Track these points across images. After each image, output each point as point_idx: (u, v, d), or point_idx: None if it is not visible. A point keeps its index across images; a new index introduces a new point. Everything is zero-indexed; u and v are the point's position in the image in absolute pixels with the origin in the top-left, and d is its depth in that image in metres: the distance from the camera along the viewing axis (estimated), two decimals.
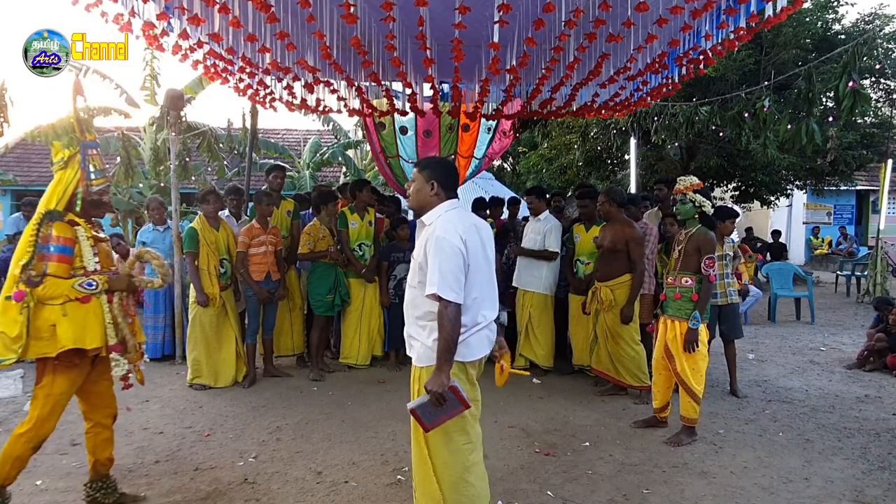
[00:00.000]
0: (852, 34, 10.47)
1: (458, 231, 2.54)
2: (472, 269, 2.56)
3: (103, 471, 3.12)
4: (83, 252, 2.88)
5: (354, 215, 5.84)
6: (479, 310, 2.60)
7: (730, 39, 4.22)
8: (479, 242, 2.64)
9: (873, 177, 15.13)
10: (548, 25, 3.94)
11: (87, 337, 2.83)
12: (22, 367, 5.68)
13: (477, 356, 2.62)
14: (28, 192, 13.27)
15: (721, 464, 3.75)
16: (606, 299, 4.86)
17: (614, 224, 4.91)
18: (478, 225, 2.71)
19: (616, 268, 4.86)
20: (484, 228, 2.74)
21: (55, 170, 2.99)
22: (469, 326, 2.56)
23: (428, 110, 5.86)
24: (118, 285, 2.95)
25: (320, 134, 17.73)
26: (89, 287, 2.82)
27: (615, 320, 4.86)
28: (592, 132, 11.62)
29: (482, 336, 2.62)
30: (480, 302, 2.60)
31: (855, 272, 11.95)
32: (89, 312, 2.85)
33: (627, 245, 4.80)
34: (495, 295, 2.72)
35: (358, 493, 3.30)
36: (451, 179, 2.74)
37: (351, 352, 5.88)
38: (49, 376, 2.84)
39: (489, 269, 2.69)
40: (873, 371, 6.04)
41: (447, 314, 2.44)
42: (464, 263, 2.52)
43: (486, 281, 2.64)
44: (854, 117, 9.85)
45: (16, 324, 2.73)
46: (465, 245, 2.53)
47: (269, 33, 4.23)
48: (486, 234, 2.72)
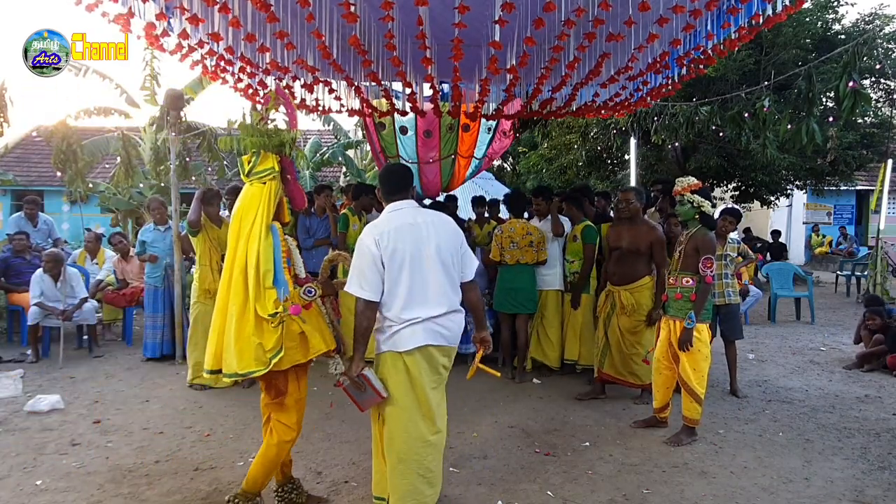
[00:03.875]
0: (852, 34, 10.47)
1: (374, 233, 2.77)
2: (394, 267, 2.73)
3: (289, 472, 3.20)
4: (295, 260, 3.01)
5: (355, 217, 6.02)
6: (408, 307, 2.74)
7: (731, 39, 4.22)
8: (410, 242, 2.76)
9: (873, 177, 15.13)
10: (548, 25, 3.94)
11: (326, 339, 2.95)
12: (22, 367, 5.71)
13: (409, 346, 2.76)
14: (28, 191, 13.27)
15: (721, 464, 3.75)
16: (628, 304, 4.74)
17: (634, 225, 4.78)
18: (417, 224, 2.82)
19: (637, 270, 4.75)
20: (428, 226, 2.83)
21: (270, 178, 2.89)
22: (396, 322, 2.75)
23: (428, 110, 5.87)
24: (329, 290, 3.10)
25: (320, 134, 17.73)
26: (310, 294, 2.90)
27: (635, 324, 4.76)
28: (592, 132, 11.62)
29: (416, 329, 2.75)
30: (409, 299, 2.74)
31: (855, 272, 11.95)
32: (318, 317, 2.97)
33: (651, 248, 4.70)
34: (442, 291, 2.81)
35: (358, 493, 3.30)
36: (390, 183, 2.96)
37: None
38: (293, 384, 2.97)
39: (431, 266, 2.78)
40: (873, 371, 6.04)
41: (356, 307, 2.78)
42: (373, 262, 2.72)
43: (422, 279, 2.76)
44: (854, 117, 9.86)
45: (274, 334, 2.77)
46: (377, 245, 2.72)
47: (269, 33, 4.23)
48: (430, 233, 2.81)
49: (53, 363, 6.03)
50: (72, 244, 11.30)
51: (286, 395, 2.95)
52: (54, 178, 15.11)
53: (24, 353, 6.27)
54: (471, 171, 7.75)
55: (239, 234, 2.84)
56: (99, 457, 3.74)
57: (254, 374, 2.76)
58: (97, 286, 7.11)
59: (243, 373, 2.75)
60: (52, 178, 15.61)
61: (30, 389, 5.07)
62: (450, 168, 7.34)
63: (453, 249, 2.88)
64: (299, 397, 3.01)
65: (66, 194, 14.90)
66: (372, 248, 2.73)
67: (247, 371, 2.75)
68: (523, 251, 5.38)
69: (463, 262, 2.94)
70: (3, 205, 17.15)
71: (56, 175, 12.47)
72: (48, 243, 7.72)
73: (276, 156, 2.92)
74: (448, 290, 2.84)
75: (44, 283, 6.18)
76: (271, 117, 3.02)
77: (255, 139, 2.90)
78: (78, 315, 6.29)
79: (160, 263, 6.17)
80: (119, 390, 5.11)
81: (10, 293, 6.84)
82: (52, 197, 16.89)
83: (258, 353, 2.74)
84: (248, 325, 2.75)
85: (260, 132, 2.93)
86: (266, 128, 2.97)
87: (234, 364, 2.75)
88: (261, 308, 2.77)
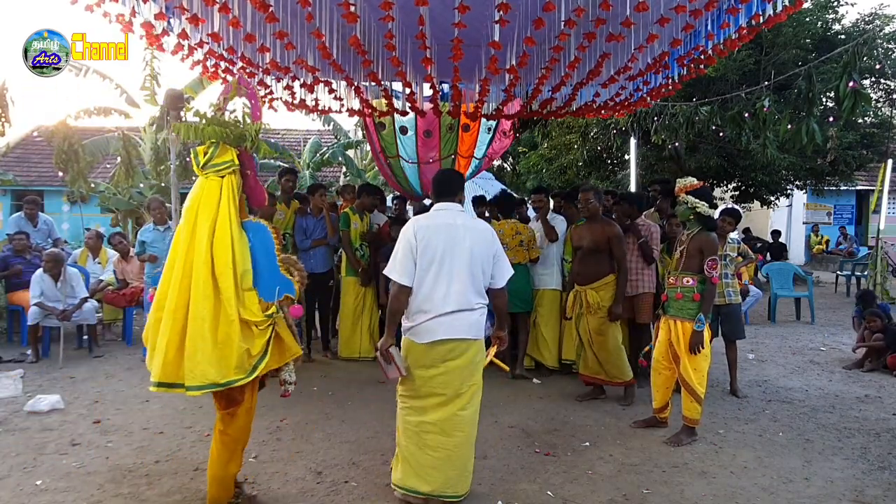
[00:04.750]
0: (852, 34, 10.48)
1: (415, 226, 3.07)
2: (425, 260, 2.99)
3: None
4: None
5: (356, 216, 6.09)
6: (428, 299, 3.00)
7: (731, 39, 4.22)
8: (444, 241, 3.03)
9: (873, 177, 15.13)
10: (548, 25, 3.94)
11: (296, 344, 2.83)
12: (22, 367, 5.71)
13: (424, 341, 3.03)
14: (28, 191, 13.28)
15: (721, 464, 3.75)
16: (593, 302, 4.74)
17: (593, 223, 4.78)
18: (455, 225, 3.08)
19: (599, 269, 4.76)
20: (465, 230, 3.08)
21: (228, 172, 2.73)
22: (415, 311, 3.03)
23: (428, 110, 5.87)
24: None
25: (320, 134, 17.74)
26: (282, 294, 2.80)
27: (601, 322, 4.74)
28: (592, 132, 11.62)
29: (431, 325, 3.01)
30: (431, 292, 3.00)
31: (855, 272, 11.94)
32: (283, 321, 2.81)
33: (609, 244, 4.69)
34: (462, 291, 3.02)
35: (358, 493, 3.29)
36: (440, 186, 3.28)
37: (353, 346, 6.06)
38: (249, 392, 2.79)
39: (459, 267, 3.02)
40: (873, 371, 6.04)
41: (391, 290, 3.05)
42: (410, 251, 3.00)
43: (447, 276, 3.01)
44: (854, 117, 9.85)
45: (262, 338, 2.63)
46: (415, 238, 3.02)
47: (269, 33, 4.24)
48: (465, 236, 3.06)
49: (53, 363, 6.03)
50: (72, 244, 11.30)
51: (240, 404, 2.75)
52: (54, 178, 15.12)
53: (24, 353, 6.27)
54: (471, 172, 7.74)
55: (195, 231, 2.63)
56: (99, 457, 3.74)
57: (235, 384, 2.55)
58: (98, 285, 7.10)
59: (223, 382, 2.53)
60: (53, 178, 15.62)
61: (30, 389, 5.07)
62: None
63: (485, 256, 3.10)
64: (250, 406, 2.83)
65: (67, 194, 14.92)
66: (411, 238, 3.02)
67: (227, 381, 2.53)
68: (514, 251, 5.38)
69: (495, 270, 3.16)
70: (3, 205, 17.15)
71: (56, 175, 12.49)
72: (48, 243, 7.72)
73: (235, 149, 2.75)
74: (469, 291, 3.04)
75: (44, 283, 6.18)
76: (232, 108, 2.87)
77: (215, 129, 2.70)
78: (78, 315, 6.29)
79: (160, 263, 6.17)
80: (119, 390, 5.11)
81: (9, 293, 6.84)
82: (52, 197, 16.89)
83: (242, 360, 2.55)
84: (226, 329, 2.55)
85: (220, 122, 2.73)
86: (227, 118, 2.78)
87: (209, 373, 2.51)
88: (246, 312, 2.60)
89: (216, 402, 2.80)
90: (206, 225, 2.62)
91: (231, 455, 2.84)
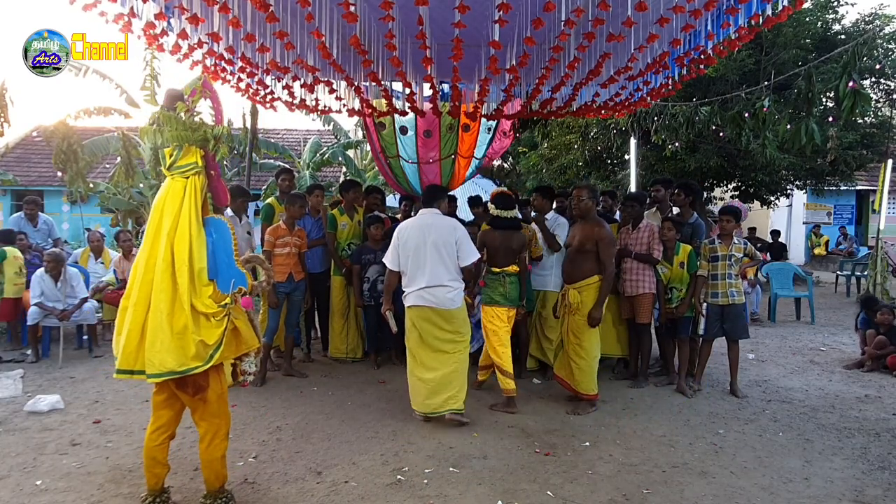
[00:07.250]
0: (852, 34, 10.46)
1: (401, 227, 4.42)
2: (407, 252, 4.30)
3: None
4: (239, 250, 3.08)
5: (344, 216, 6.08)
6: (411, 281, 4.31)
7: (731, 39, 4.21)
8: (417, 237, 4.29)
9: (873, 177, 15.12)
10: (547, 25, 3.93)
11: (253, 336, 2.96)
12: (22, 367, 5.71)
13: (409, 304, 4.35)
14: (28, 191, 13.28)
15: (721, 464, 3.75)
16: (574, 302, 4.67)
17: (585, 223, 4.74)
18: (426, 224, 4.33)
19: (585, 269, 4.68)
20: (431, 227, 4.30)
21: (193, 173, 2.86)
22: (406, 290, 4.36)
23: (428, 110, 5.85)
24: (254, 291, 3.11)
25: (320, 134, 17.72)
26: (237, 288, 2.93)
27: (579, 323, 4.66)
28: (592, 132, 11.60)
29: (416, 295, 4.29)
30: (412, 274, 4.30)
31: (855, 272, 11.94)
32: (243, 313, 2.98)
33: (597, 245, 4.61)
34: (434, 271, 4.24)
35: (358, 493, 3.29)
36: (425, 196, 4.67)
37: (340, 346, 6.07)
38: (215, 378, 2.93)
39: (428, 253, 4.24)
40: (873, 371, 6.04)
41: (387, 273, 4.54)
42: (396, 246, 4.37)
43: (421, 261, 4.26)
44: (854, 117, 9.84)
45: (217, 329, 2.76)
46: (398, 236, 4.37)
47: (269, 33, 4.23)
48: (430, 230, 4.28)
49: (53, 363, 6.03)
50: (72, 244, 11.30)
51: (206, 389, 2.89)
52: (54, 178, 15.12)
53: (24, 353, 6.27)
54: (471, 172, 7.75)
55: (159, 229, 2.79)
56: (99, 457, 3.74)
57: (194, 372, 2.71)
58: (98, 286, 7.10)
59: (181, 370, 2.70)
60: (53, 178, 15.62)
61: (30, 389, 5.08)
62: (450, 168, 7.33)
63: (447, 243, 4.28)
64: (221, 392, 2.96)
65: (67, 194, 14.92)
66: (396, 236, 4.41)
67: (185, 368, 2.70)
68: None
69: (459, 252, 4.30)
70: (3, 205, 17.15)
71: (56, 175, 12.48)
72: (48, 243, 7.72)
73: (199, 150, 2.87)
74: (440, 270, 4.25)
75: (44, 283, 6.18)
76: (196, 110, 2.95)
77: (177, 132, 2.83)
78: (78, 315, 6.29)
79: None
80: (119, 390, 5.11)
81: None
82: (52, 197, 16.88)
83: (199, 350, 2.70)
84: (183, 321, 2.71)
85: (183, 125, 2.85)
86: (190, 121, 2.88)
87: (168, 361, 2.69)
88: (200, 304, 2.74)
89: (182, 392, 2.91)
90: (168, 223, 2.78)
91: (212, 438, 2.96)
